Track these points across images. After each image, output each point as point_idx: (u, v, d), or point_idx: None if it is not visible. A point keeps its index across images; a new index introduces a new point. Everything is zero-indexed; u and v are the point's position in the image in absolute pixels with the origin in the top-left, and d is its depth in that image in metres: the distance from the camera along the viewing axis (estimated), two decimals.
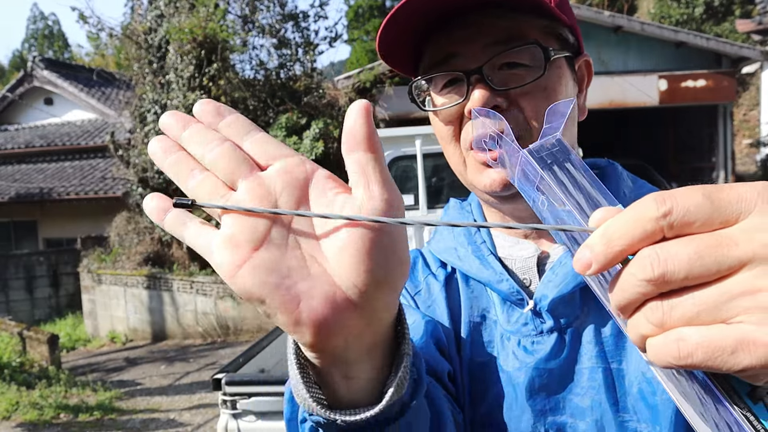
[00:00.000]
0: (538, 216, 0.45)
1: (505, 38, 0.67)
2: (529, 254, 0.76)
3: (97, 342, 10.14)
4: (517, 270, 0.76)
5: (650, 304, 0.32)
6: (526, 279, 0.75)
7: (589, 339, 0.70)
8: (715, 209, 0.31)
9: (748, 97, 14.46)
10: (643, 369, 0.66)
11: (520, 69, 0.68)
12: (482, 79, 0.67)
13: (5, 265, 12.12)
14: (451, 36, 0.69)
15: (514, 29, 0.68)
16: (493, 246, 0.79)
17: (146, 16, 9.54)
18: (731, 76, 9.50)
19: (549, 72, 0.68)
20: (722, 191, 0.31)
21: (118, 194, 11.76)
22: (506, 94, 0.68)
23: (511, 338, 0.73)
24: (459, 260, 0.79)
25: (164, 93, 9.07)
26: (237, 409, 2.88)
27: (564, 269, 0.71)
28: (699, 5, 14.98)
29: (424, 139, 4.54)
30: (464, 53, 0.69)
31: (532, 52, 0.67)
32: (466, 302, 0.78)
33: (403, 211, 0.44)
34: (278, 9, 9.13)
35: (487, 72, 0.67)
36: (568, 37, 0.73)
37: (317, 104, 8.71)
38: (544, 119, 0.46)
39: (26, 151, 15.12)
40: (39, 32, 38.48)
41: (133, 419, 5.99)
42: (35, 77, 16.00)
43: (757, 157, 12.54)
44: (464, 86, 0.68)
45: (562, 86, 0.70)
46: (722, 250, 0.30)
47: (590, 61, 0.79)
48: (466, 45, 0.68)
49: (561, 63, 0.71)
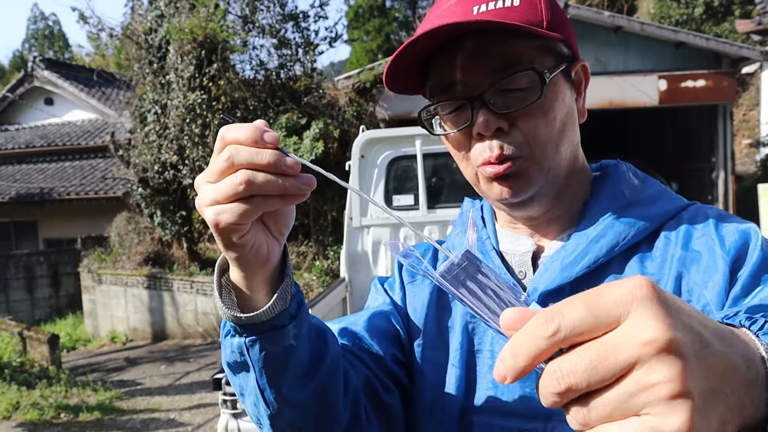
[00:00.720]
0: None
1: (504, 64, 0.73)
2: (526, 249, 0.83)
3: (98, 342, 10.15)
4: (514, 264, 0.83)
5: (572, 408, 0.36)
6: (521, 272, 0.82)
7: None
8: (597, 319, 0.36)
9: (748, 97, 14.46)
10: None
11: (519, 93, 0.74)
12: (484, 105, 0.74)
13: (5, 265, 12.12)
14: (452, 63, 0.75)
15: (511, 54, 0.73)
16: (497, 241, 0.86)
17: (146, 16, 9.54)
18: (731, 76, 9.49)
19: (546, 93, 0.74)
20: (600, 299, 0.36)
21: (119, 194, 11.76)
22: (507, 116, 0.74)
23: None
24: None
25: (164, 93, 9.08)
26: (237, 409, 2.88)
27: (554, 265, 0.77)
28: (699, 5, 14.98)
29: (424, 139, 4.54)
30: (466, 80, 0.75)
31: (529, 77, 0.73)
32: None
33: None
34: (278, 9, 9.13)
35: (489, 97, 0.74)
36: (563, 50, 0.78)
37: (317, 104, 8.71)
38: (451, 224, 0.56)
39: (26, 151, 15.13)
40: (39, 32, 38.49)
41: (133, 419, 6.00)
42: (36, 77, 16.00)
43: (756, 157, 12.54)
44: (469, 111, 0.75)
45: (558, 102, 0.76)
46: (611, 358, 0.35)
47: (587, 65, 0.83)
48: (467, 73, 0.75)
49: (557, 79, 0.76)
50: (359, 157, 4.64)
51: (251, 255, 0.62)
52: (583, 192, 0.83)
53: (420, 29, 0.76)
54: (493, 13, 0.73)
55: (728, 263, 0.70)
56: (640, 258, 0.76)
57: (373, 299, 0.95)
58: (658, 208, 0.79)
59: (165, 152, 9.11)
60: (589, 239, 0.77)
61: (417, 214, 4.62)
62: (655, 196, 0.81)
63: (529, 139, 0.74)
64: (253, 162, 0.56)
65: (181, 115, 8.70)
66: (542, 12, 0.75)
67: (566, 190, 0.81)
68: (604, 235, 0.76)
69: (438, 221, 4.59)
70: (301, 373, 0.69)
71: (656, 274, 0.74)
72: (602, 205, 0.79)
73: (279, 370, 0.68)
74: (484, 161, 0.76)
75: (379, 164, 4.71)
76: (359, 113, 8.88)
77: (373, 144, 4.70)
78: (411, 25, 21.50)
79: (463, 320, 0.84)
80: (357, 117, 8.79)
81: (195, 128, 8.65)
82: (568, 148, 0.78)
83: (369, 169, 4.71)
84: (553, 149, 0.76)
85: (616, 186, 0.81)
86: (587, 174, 0.85)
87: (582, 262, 0.75)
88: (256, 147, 0.57)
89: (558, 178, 0.78)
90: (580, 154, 0.84)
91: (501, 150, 0.74)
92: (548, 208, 0.81)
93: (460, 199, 4.50)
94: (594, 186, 0.83)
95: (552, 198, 0.80)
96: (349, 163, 4.70)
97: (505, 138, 0.75)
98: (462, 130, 0.77)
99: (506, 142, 0.74)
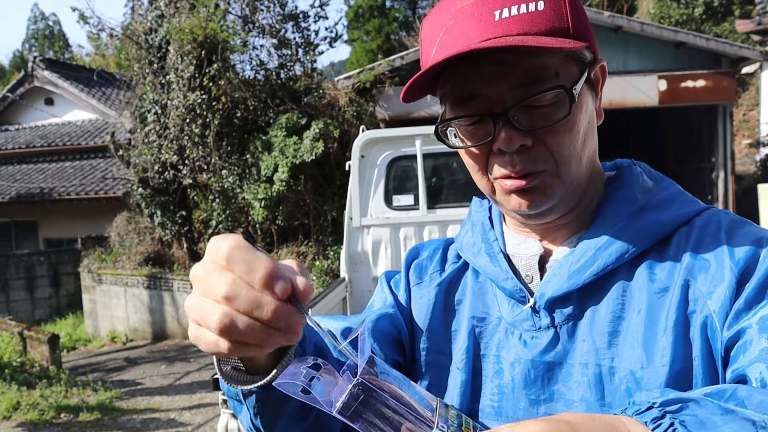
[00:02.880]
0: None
1: (530, 79, 0.69)
2: (533, 252, 0.80)
3: (98, 342, 10.15)
4: (521, 267, 0.81)
5: None
6: (528, 276, 0.80)
7: (584, 337, 0.73)
8: None
9: (748, 97, 14.47)
10: (633, 368, 0.69)
11: (545, 109, 0.70)
12: (508, 122, 0.70)
13: (6, 265, 12.13)
14: (474, 73, 0.70)
15: (536, 67, 0.69)
16: (504, 243, 0.85)
17: (147, 16, 9.55)
18: (731, 76, 9.50)
19: (572, 109, 0.70)
20: None
21: (119, 194, 11.77)
22: (532, 133, 0.71)
23: (514, 332, 0.79)
24: (474, 257, 0.86)
25: (164, 93, 9.08)
26: None
27: (561, 271, 0.75)
28: (698, 5, 14.98)
29: (424, 139, 4.55)
30: (489, 94, 0.71)
31: (556, 94, 0.69)
32: (472, 297, 0.85)
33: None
34: (278, 9, 9.14)
35: (513, 113, 0.70)
36: (586, 56, 0.74)
37: (317, 104, 8.72)
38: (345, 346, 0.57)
39: (27, 151, 15.14)
40: (40, 32, 38.49)
41: (133, 419, 6.00)
42: (36, 77, 16.01)
43: (756, 157, 12.54)
44: (490, 125, 0.71)
45: (582, 114, 0.73)
46: None
47: (605, 65, 0.80)
48: (490, 86, 0.70)
49: (581, 90, 0.73)
50: (359, 157, 4.65)
51: (243, 356, 0.62)
52: (596, 193, 0.80)
53: (434, 28, 0.73)
54: (517, 20, 0.68)
55: (736, 274, 0.67)
56: (649, 265, 0.73)
57: (378, 297, 0.94)
58: (672, 213, 0.76)
59: (165, 152, 9.12)
60: (598, 245, 0.74)
61: (417, 214, 4.63)
62: (670, 199, 0.78)
63: (554, 154, 0.72)
64: (251, 313, 0.52)
65: (181, 115, 8.71)
66: (567, 16, 0.70)
67: (582, 195, 0.78)
68: (614, 242, 0.74)
69: (438, 221, 4.59)
70: (297, 413, 0.70)
71: (665, 281, 0.71)
72: (614, 209, 0.76)
73: (275, 414, 0.69)
74: (503, 176, 0.73)
75: (379, 164, 4.71)
76: (359, 113, 8.88)
77: (373, 144, 4.70)
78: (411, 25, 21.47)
79: (470, 324, 0.82)
80: (357, 117, 8.79)
81: (195, 128, 8.65)
82: (588, 157, 0.76)
83: (369, 169, 4.72)
84: (577, 163, 0.73)
85: (629, 189, 0.78)
86: (601, 176, 0.82)
87: (590, 268, 0.73)
88: (262, 294, 0.51)
89: (578, 189, 0.77)
90: (596, 158, 0.81)
91: (523, 165, 0.71)
92: (563, 214, 0.79)
93: (460, 199, 4.48)
94: (607, 188, 0.81)
95: (569, 207, 0.78)
96: (349, 163, 4.70)
97: (527, 153, 0.71)
98: (482, 145, 0.74)
99: (529, 158, 0.71)
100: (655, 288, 0.71)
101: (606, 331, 0.72)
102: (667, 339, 0.68)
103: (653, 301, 0.70)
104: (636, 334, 0.70)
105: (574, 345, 0.74)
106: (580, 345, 0.73)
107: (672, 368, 0.67)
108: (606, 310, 0.73)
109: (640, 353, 0.69)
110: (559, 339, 0.75)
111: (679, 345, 0.67)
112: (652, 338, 0.69)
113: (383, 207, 4.69)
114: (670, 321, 0.68)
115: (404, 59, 9.42)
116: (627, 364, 0.70)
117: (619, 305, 0.72)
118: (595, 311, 0.73)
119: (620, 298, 0.72)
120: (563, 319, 0.75)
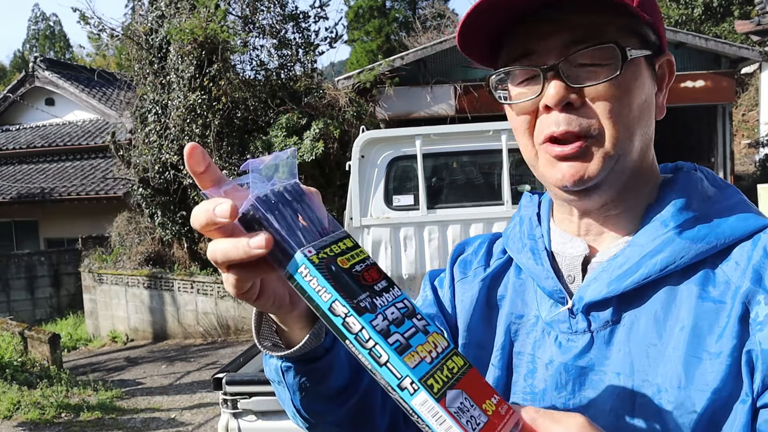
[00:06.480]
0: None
1: (583, 37, 0.67)
2: (578, 253, 0.77)
3: (98, 342, 10.17)
4: (564, 267, 0.78)
5: None
6: (570, 277, 0.77)
7: (620, 345, 0.70)
8: None
9: (747, 97, 14.48)
10: (669, 386, 0.66)
11: (596, 67, 0.67)
12: (558, 75, 0.67)
13: (6, 265, 12.15)
14: (529, 32, 0.69)
15: (592, 27, 0.67)
16: (549, 241, 0.81)
17: (147, 16, 9.56)
18: (730, 76, 9.51)
19: (625, 72, 0.67)
20: None
21: (119, 194, 11.78)
22: (580, 91, 0.68)
23: (550, 333, 0.76)
24: (518, 252, 0.83)
25: (165, 93, 9.10)
26: (237, 409, 2.89)
27: (603, 275, 0.72)
28: (698, 6, 14.99)
29: (424, 139, 4.56)
30: (541, 50, 0.69)
31: (609, 51, 0.67)
32: (512, 294, 0.83)
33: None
34: (279, 10, 9.16)
35: (563, 68, 0.67)
36: (649, 35, 0.72)
37: (317, 104, 8.73)
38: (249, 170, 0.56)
39: (27, 151, 15.15)
40: (40, 33, 38.53)
41: (133, 418, 6.02)
42: (36, 78, 16.03)
43: (755, 157, 12.56)
44: (540, 81, 0.69)
45: (637, 86, 0.70)
46: None
47: (673, 60, 0.77)
48: (544, 42, 0.69)
49: (639, 62, 0.70)
50: (359, 157, 4.66)
51: (274, 308, 0.63)
52: (648, 194, 0.75)
53: None
54: None
55: None
56: (701, 280, 0.68)
57: (420, 296, 0.94)
58: (729, 225, 0.69)
59: (165, 152, 9.13)
60: (643, 252, 0.70)
61: (417, 214, 4.64)
62: (730, 210, 0.71)
63: (602, 118, 0.68)
64: (207, 233, 0.56)
65: (182, 115, 8.72)
66: None
67: (631, 187, 0.73)
68: (662, 251, 0.69)
69: (438, 221, 4.61)
70: (337, 394, 0.71)
71: (717, 300, 0.66)
72: (666, 214, 0.71)
73: (314, 394, 0.70)
74: (547, 136, 0.69)
75: (379, 164, 4.73)
76: (359, 113, 8.90)
77: (373, 144, 4.71)
78: (411, 25, 21.50)
79: (507, 321, 0.81)
80: (357, 117, 8.80)
81: (195, 128, 8.66)
82: (641, 138, 0.71)
83: (369, 169, 4.73)
84: (626, 135, 0.69)
85: (685, 195, 0.72)
86: (656, 175, 0.77)
87: (632, 276, 0.69)
88: (210, 217, 0.54)
89: (626, 169, 0.71)
90: (651, 152, 0.76)
91: (568, 126, 0.67)
92: (609, 201, 0.73)
93: (460, 199, 4.52)
94: (661, 190, 0.75)
95: (616, 191, 0.72)
96: (349, 163, 4.72)
97: (574, 113, 0.68)
98: (529, 101, 0.71)
99: (575, 118, 0.67)
100: (706, 306, 0.66)
101: (644, 343, 0.69)
102: (715, 364, 0.63)
103: (700, 320, 0.66)
104: (677, 350, 0.66)
105: (609, 352, 0.71)
106: (616, 353, 0.70)
107: (714, 396, 0.63)
108: (646, 320, 0.69)
109: (679, 371, 0.65)
110: (594, 344, 0.72)
111: (731, 374, 0.62)
112: (695, 358, 0.64)
113: (383, 207, 4.71)
114: (724, 346, 0.63)
115: (404, 59, 9.44)
116: (662, 381, 0.66)
117: (660, 317, 0.68)
118: (635, 320, 0.70)
119: (663, 310, 0.68)
120: (600, 325, 0.72)
